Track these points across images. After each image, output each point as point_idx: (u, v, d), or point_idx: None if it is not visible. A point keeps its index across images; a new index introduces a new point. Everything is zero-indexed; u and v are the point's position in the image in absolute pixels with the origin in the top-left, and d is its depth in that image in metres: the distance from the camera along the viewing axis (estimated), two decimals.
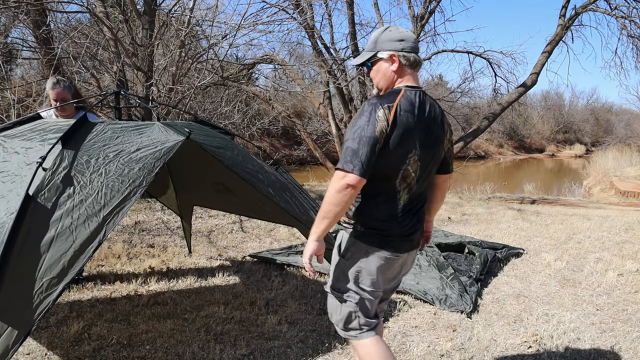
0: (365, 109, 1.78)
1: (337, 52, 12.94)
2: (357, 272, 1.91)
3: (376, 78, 1.94)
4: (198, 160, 3.52)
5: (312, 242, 1.81)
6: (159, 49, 7.69)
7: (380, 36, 1.92)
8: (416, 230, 1.95)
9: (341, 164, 1.71)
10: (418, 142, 1.83)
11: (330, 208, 1.74)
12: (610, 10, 12.02)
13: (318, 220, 1.79)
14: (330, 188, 1.74)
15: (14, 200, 2.00)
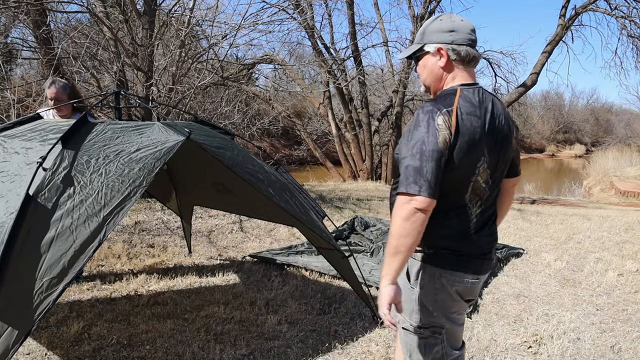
0: (420, 118, 1.53)
1: (337, 52, 12.96)
2: (435, 300, 1.67)
3: (423, 74, 1.72)
4: (198, 160, 3.52)
5: (387, 287, 1.53)
6: (159, 49, 7.70)
7: (429, 26, 1.68)
8: (492, 246, 1.71)
9: (404, 187, 1.47)
10: (486, 148, 1.59)
11: (401, 241, 1.48)
12: (610, 10, 12.01)
13: (389, 259, 1.52)
14: (396, 218, 1.49)
15: (14, 200, 2.00)
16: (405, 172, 1.49)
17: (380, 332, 3.18)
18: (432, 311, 1.67)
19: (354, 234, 5.82)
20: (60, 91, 3.54)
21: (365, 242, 5.31)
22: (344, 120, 13.41)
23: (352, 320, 3.35)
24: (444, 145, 1.49)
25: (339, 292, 3.87)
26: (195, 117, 3.21)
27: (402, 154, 1.54)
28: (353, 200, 8.42)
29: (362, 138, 13.25)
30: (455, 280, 1.63)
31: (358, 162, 13.35)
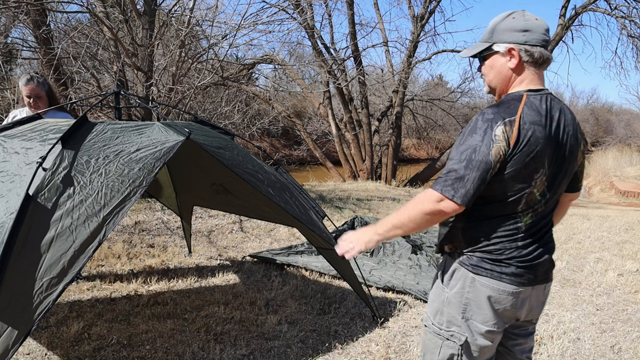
0: (478, 125, 1.46)
1: (337, 52, 12.96)
2: (465, 305, 1.59)
3: (489, 75, 1.61)
4: (198, 160, 3.52)
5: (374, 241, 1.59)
6: (159, 49, 7.70)
7: (499, 24, 1.56)
8: (541, 257, 1.58)
9: (440, 186, 1.44)
10: (547, 160, 1.49)
11: (409, 225, 1.51)
12: (610, 10, 12.02)
13: (389, 227, 1.55)
14: (417, 204, 1.48)
15: (13, 200, 2.00)
16: (447, 173, 1.46)
17: (380, 332, 3.18)
18: (456, 316, 1.60)
19: None
20: (39, 87, 3.42)
21: None
22: (344, 120, 13.42)
23: (352, 320, 3.35)
24: (496, 157, 1.43)
25: (339, 292, 3.87)
26: (195, 117, 3.21)
27: (451, 154, 1.49)
28: (353, 200, 8.42)
29: (362, 138, 13.25)
30: (491, 288, 1.54)
31: (358, 162, 13.35)
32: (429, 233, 5.63)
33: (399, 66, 13.61)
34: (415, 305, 3.65)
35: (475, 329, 1.58)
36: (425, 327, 1.71)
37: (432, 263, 4.35)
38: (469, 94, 17.08)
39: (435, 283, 1.69)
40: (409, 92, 15.27)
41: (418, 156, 28.15)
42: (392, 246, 4.82)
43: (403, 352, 2.94)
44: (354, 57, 12.36)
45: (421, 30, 13.02)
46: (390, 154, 13.50)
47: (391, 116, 13.81)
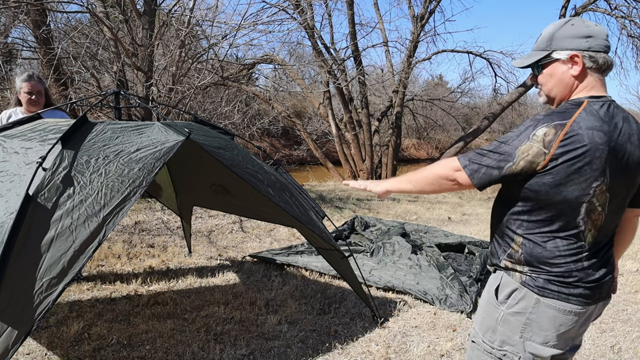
0: (526, 122, 1.46)
1: (337, 52, 12.95)
2: (525, 326, 1.51)
3: (548, 84, 1.56)
4: (198, 160, 3.52)
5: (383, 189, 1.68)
6: (159, 49, 7.70)
7: (558, 31, 1.52)
8: (606, 276, 1.53)
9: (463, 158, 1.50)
10: (608, 168, 1.41)
11: (421, 185, 1.57)
12: (610, 10, 12.03)
13: (403, 181, 1.63)
14: (436, 167, 1.55)
15: (13, 200, 2.00)
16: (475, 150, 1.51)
17: (380, 332, 3.18)
18: (512, 336, 1.53)
19: (354, 234, 5.82)
20: (39, 84, 3.46)
21: (365, 242, 5.31)
22: (344, 120, 13.42)
23: (352, 320, 3.35)
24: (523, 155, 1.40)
25: (339, 292, 3.87)
26: (195, 117, 3.21)
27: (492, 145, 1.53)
28: (353, 200, 8.42)
29: (362, 138, 13.25)
30: (557, 309, 1.48)
31: (358, 162, 13.35)
32: (429, 233, 5.63)
33: (399, 66, 13.61)
34: (415, 305, 3.65)
35: (531, 349, 1.52)
36: (473, 342, 1.65)
37: (432, 263, 4.35)
38: (469, 94, 17.11)
39: (486, 299, 1.63)
40: (409, 92, 15.28)
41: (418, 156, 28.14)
42: (392, 246, 4.82)
43: (403, 352, 2.94)
44: (354, 57, 12.36)
45: (421, 30, 13.02)
46: (390, 154, 13.50)
47: (391, 116, 13.81)
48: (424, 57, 14.12)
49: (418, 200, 9.07)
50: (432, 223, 6.80)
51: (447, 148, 13.91)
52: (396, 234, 5.19)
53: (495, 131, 35.50)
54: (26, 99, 3.44)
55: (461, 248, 5.01)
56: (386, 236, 5.15)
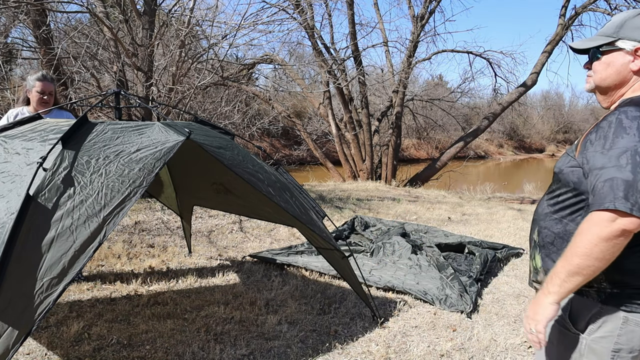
0: (625, 124, 1.27)
1: (337, 52, 12.96)
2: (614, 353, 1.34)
3: (602, 73, 1.44)
4: (198, 160, 3.52)
5: (552, 306, 1.31)
6: (159, 49, 7.70)
7: (630, 20, 1.40)
8: None
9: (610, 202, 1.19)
10: None
11: (589, 263, 1.23)
12: (610, 10, 12.02)
13: (565, 276, 1.28)
14: (590, 236, 1.23)
15: (14, 200, 2.00)
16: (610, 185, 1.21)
17: (380, 332, 3.18)
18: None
19: (354, 234, 5.83)
20: (52, 84, 3.51)
21: (365, 242, 5.31)
22: (344, 120, 13.42)
23: (352, 320, 3.35)
24: None
25: (339, 292, 3.87)
26: (195, 117, 3.21)
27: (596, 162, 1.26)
28: (353, 200, 8.43)
29: (362, 138, 13.25)
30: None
31: (358, 162, 13.35)
32: (429, 233, 5.63)
33: (399, 66, 13.62)
34: (415, 305, 3.65)
35: None
36: None
37: (432, 263, 4.36)
38: (469, 94, 17.09)
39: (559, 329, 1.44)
40: (409, 92, 15.27)
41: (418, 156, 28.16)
42: (392, 246, 4.83)
43: (403, 352, 2.94)
44: (354, 57, 12.36)
45: (421, 30, 13.03)
46: (390, 154, 13.50)
47: (391, 116, 13.82)
48: (424, 57, 14.14)
49: (418, 201, 9.07)
50: (432, 223, 6.80)
51: (447, 148, 13.90)
52: (396, 234, 5.20)
53: (495, 131, 35.56)
54: (37, 97, 3.47)
55: (461, 248, 5.01)
56: (386, 236, 5.15)
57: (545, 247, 1.46)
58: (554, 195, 1.47)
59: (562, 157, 1.48)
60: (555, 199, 1.46)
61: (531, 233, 1.55)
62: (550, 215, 1.46)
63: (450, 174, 14.07)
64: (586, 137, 1.37)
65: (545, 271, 1.44)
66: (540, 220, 1.49)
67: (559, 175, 1.45)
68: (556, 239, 1.43)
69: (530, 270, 1.56)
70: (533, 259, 1.52)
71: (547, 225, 1.46)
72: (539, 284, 1.47)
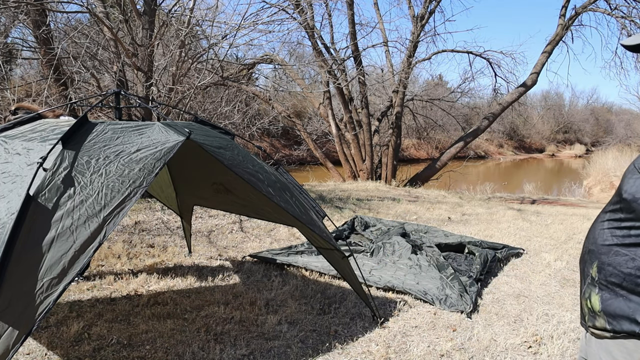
0: None
1: (337, 52, 12.96)
2: None
3: None
4: (198, 160, 3.52)
5: None
6: (159, 49, 7.70)
7: None
8: None
9: None
10: None
11: None
12: (610, 10, 12.02)
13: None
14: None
15: (14, 200, 2.00)
16: None
17: (380, 332, 3.18)
18: None
19: (354, 234, 5.83)
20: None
21: (365, 242, 5.31)
22: (344, 120, 13.42)
23: (352, 320, 3.35)
24: None
25: (339, 292, 3.87)
26: (195, 117, 3.22)
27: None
28: (353, 200, 8.43)
29: (362, 138, 13.25)
30: None
31: (358, 162, 13.35)
32: (429, 233, 5.63)
33: (399, 66, 13.62)
34: (415, 305, 3.65)
35: None
36: None
37: (432, 263, 4.36)
38: (469, 94, 17.10)
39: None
40: (409, 92, 15.27)
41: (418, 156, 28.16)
42: (392, 246, 4.83)
43: (403, 352, 2.94)
44: (354, 57, 12.36)
45: (421, 30, 13.03)
46: (390, 154, 13.50)
47: (391, 116, 13.82)
48: (424, 57, 14.14)
49: (418, 201, 9.07)
50: (432, 223, 6.80)
51: (447, 148, 13.90)
52: (396, 234, 5.20)
53: (495, 131, 35.57)
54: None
55: (461, 248, 5.01)
56: (386, 236, 5.15)
57: (609, 288, 1.22)
58: (625, 226, 1.21)
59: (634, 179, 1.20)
60: (626, 230, 1.20)
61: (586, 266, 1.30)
62: (618, 249, 1.21)
63: (450, 174, 14.08)
64: None
65: (609, 317, 1.21)
66: (602, 255, 1.24)
67: (632, 204, 1.19)
68: (625, 280, 1.19)
69: (585, 311, 1.31)
70: (588, 298, 1.29)
71: (613, 262, 1.21)
72: (596, 330, 1.26)
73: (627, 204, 1.19)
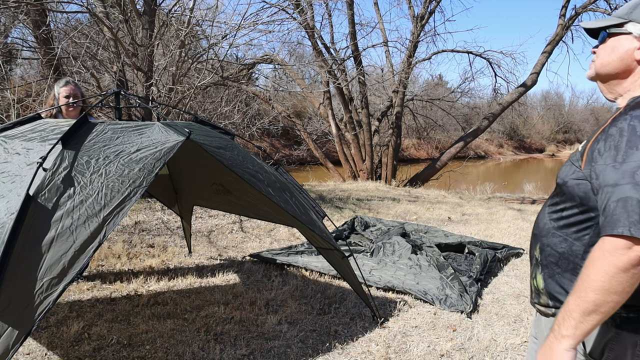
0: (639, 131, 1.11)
1: (337, 52, 12.96)
2: None
3: (605, 57, 1.30)
4: (198, 160, 3.52)
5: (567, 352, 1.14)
6: (159, 49, 7.70)
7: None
8: None
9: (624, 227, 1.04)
10: None
11: (607, 298, 1.07)
12: (610, 10, 12.02)
13: (579, 316, 1.11)
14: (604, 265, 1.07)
15: (14, 200, 2.00)
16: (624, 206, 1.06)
17: (380, 332, 3.18)
18: None
19: (354, 234, 5.83)
20: (77, 88, 3.55)
21: (365, 242, 5.31)
22: (344, 120, 13.42)
23: (352, 320, 3.35)
24: None
25: (339, 292, 3.87)
26: (195, 117, 3.22)
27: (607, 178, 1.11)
28: (353, 200, 8.42)
29: (362, 138, 13.25)
30: None
31: (358, 162, 13.35)
32: (429, 233, 5.63)
33: (399, 66, 13.62)
34: (415, 305, 3.65)
35: None
36: None
37: (432, 263, 4.35)
38: (469, 94, 17.10)
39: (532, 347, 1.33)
40: (409, 92, 15.27)
41: (418, 156, 28.17)
42: (392, 246, 4.83)
43: (403, 352, 2.94)
44: (354, 57, 12.36)
45: (421, 30, 13.03)
46: (390, 154, 13.50)
47: (391, 116, 13.82)
48: (424, 57, 14.14)
49: (418, 201, 9.07)
50: (432, 223, 6.80)
51: (447, 148, 13.90)
52: (396, 234, 5.20)
53: (495, 131, 35.57)
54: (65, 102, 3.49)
55: (461, 248, 5.01)
56: (386, 236, 5.15)
57: (548, 267, 1.33)
58: (558, 209, 1.32)
59: (566, 165, 1.31)
60: (559, 213, 1.31)
61: (531, 249, 1.41)
62: (554, 231, 1.32)
63: (450, 174, 14.08)
64: (593, 145, 1.20)
65: (549, 294, 1.33)
66: (542, 237, 1.35)
67: (562, 187, 1.30)
68: (561, 259, 1.29)
69: (532, 290, 1.41)
70: (534, 278, 1.39)
71: (550, 243, 1.33)
72: (541, 306, 1.37)
73: (559, 188, 1.31)
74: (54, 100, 3.55)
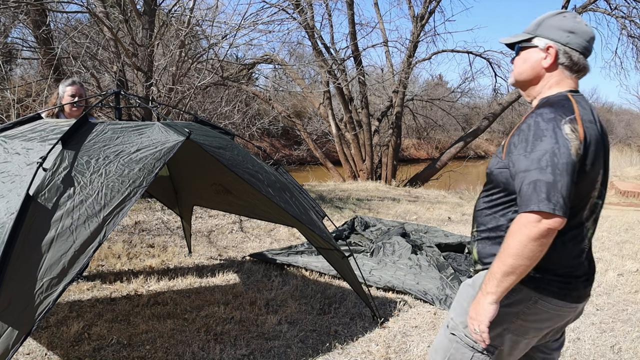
0: (542, 126, 1.34)
1: (337, 52, 12.96)
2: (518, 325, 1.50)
3: (520, 67, 1.54)
4: (198, 160, 3.52)
5: (492, 306, 1.39)
6: (159, 49, 7.70)
7: (548, 19, 1.50)
8: (594, 273, 1.59)
9: (535, 204, 1.27)
10: (602, 161, 1.45)
11: (520, 262, 1.31)
12: (610, 10, 12.02)
13: (500, 277, 1.36)
14: (520, 236, 1.30)
15: (14, 200, 2.00)
16: (534, 187, 1.29)
17: (380, 332, 3.18)
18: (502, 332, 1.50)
19: (354, 234, 5.83)
20: (82, 89, 3.55)
21: (365, 242, 5.31)
22: (344, 120, 13.42)
23: (352, 320, 3.35)
24: (576, 157, 1.32)
25: (339, 292, 3.87)
26: (195, 117, 3.21)
27: (521, 165, 1.34)
28: (353, 200, 8.42)
29: (362, 138, 13.25)
30: (552, 308, 1.46)
31: (358, 162, 13.35)
32: (429, 233, 5.63)
33: (399, 66, 13.61)
34: (415, 305, 3.65)
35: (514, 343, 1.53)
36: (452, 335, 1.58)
37: (432, 263, 4.35)
38: (469, 94, 17.11)
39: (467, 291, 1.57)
40: (409, 92, 15.27)
41: (418, 156, 28.16)
42: (392, 246, 4.82)
43: (403, 352, 2.94)
44: (354, 57, 12.36)
45: (421, 30, 13.02)
46: (390, 154, 13.50)
47: (391, 116, 13.81)
48: (424, 57, 14.12)
49: (418, 201, 9.07)
50: (432, 223, 6.80)
51: (447, 148, 13.90)
52: (396, 234, 5.19)
53: (495, 131, 35.54)
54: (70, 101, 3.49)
55: (461, 248, 5.01)
56: (386, 236, 5.15)
57: (482, 240, 1.57)
58: (489, 193, 1.57)
59: (493, 158, 1.56)
60: (490, 197, 1.56)
61: (472, 228, 1.65)
62: (486, 211, 1.57)
63: (450, 174, 14.07)
64: (510, 139, 1.44)
65: (481, 259, 1.57)
66: (478, 217, 1.60)
67: (490, 175, 1.55)
68: (490, 233, 1.55)
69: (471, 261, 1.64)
70: (471, 252, 1.65)
71: (483, 222, 1.58)
72: (475, 273, 1.60)
73: (488, 177, 1.56)
74: (57, 99, 3.55)
